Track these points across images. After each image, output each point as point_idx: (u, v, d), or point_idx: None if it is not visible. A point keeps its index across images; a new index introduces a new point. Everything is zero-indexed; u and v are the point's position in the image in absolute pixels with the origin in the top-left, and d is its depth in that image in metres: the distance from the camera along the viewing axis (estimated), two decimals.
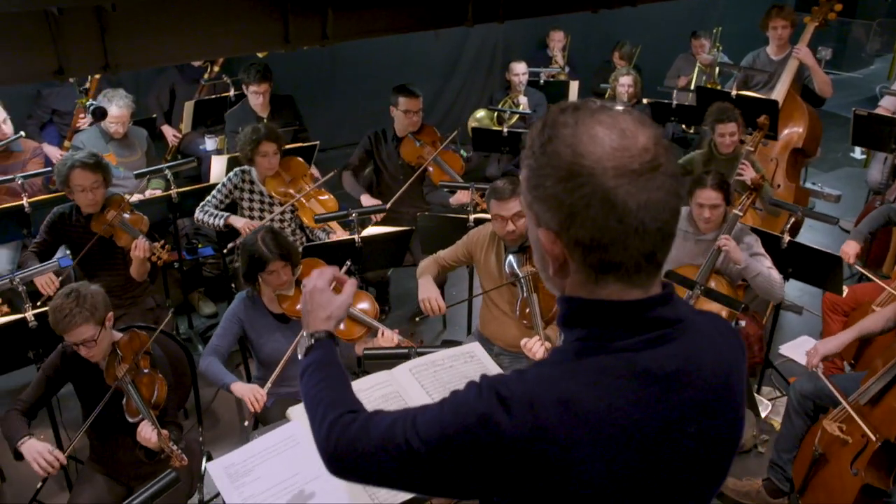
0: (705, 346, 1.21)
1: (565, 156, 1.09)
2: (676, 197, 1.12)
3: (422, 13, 4.74)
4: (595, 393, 1.11)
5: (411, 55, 7.71)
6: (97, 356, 3.11)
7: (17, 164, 4.89)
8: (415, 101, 5.06)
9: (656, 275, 1.17)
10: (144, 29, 3.91)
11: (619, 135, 1.09)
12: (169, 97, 6.37)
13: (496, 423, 1.10)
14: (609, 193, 1.07)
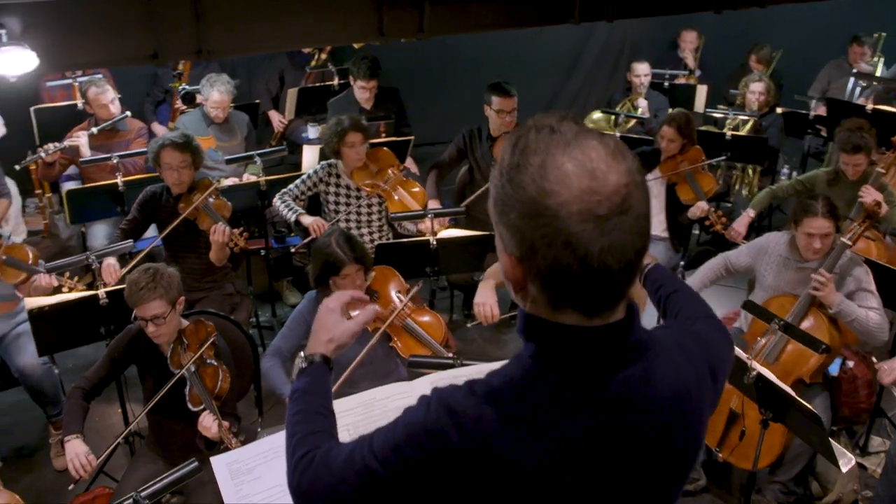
0: (663, 368, 1.24)
1: (530, 191, 1.10)
2: (643, 237, 1.13)
3: (525, 10, 4.73)
4: (542, 414, 1.15)
5: (530, 50, 7.68)
6: (163, 337, 3.30)
7: (122, 142, 5.24)
8: (508, 101, 5.03)
9: (619, 303, 1.18)
10: (238, 16, 4.10)
11: (588, 176, 1.08)
12: (278, 83, 6.64)
13: (447, 438, 1.15)
14: (571, 238, 1.08)
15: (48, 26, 3.77)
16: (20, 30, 3.69)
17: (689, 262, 5.20)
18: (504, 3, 4.67)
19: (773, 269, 3.95)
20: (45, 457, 4.24)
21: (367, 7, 4.38)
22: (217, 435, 3.07)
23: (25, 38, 3.66)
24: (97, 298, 3.56)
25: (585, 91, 8.28)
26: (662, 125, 4.88)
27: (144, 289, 3.16)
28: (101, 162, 4.92)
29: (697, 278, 4.13)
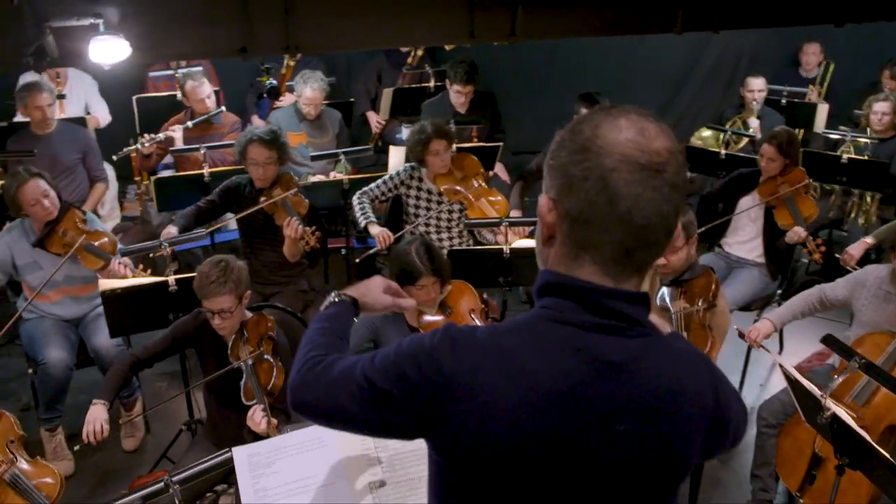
0: (661, 360, 1.31)
1: (585, 133, 1.24)
2: (671, 204, 1.23)
3: (624, 16, 4.67)
4: (532, 353, 1.26)
5: (637, 59, 7.54)
6: (227, 329, 3.41)
7: (215, 135, 5.46)
8: None
9: (634, 275, 1.29)
10: (327, 12, 4.22)
11: (637, 131, 1.22)
12: (376, 83, 6.76)
13: (438, 359, 1.28)
14: (607, 174, 1.21)
15: (144, 17, 3.98)
16: (117, 20, 3.90)
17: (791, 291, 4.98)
18: (602, 10, 4.61)
19: (872, 303, 3.75)
20: (115, 436, 4.43)
21: (458, 8, 4.42)
22: (265, 431, 3.14)
23: (121, 28, 3.87)
24: (167, 285, 3.71)
25: (696, 106, 8.05)
26: (762, 143, 4.70)
27: (215, 283, 3.27)
28: (189, 152, 5.13)
29: (788, 308, 3.96)
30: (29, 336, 4.21)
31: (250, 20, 4.11)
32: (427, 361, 1.29)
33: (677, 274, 3.47)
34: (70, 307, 4.28)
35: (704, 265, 3.56)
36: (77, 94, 5.95)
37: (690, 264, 3.48)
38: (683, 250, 3.39)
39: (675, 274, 3.47)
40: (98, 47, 3.82)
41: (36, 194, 4.05)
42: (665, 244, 1.27)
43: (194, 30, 4.10)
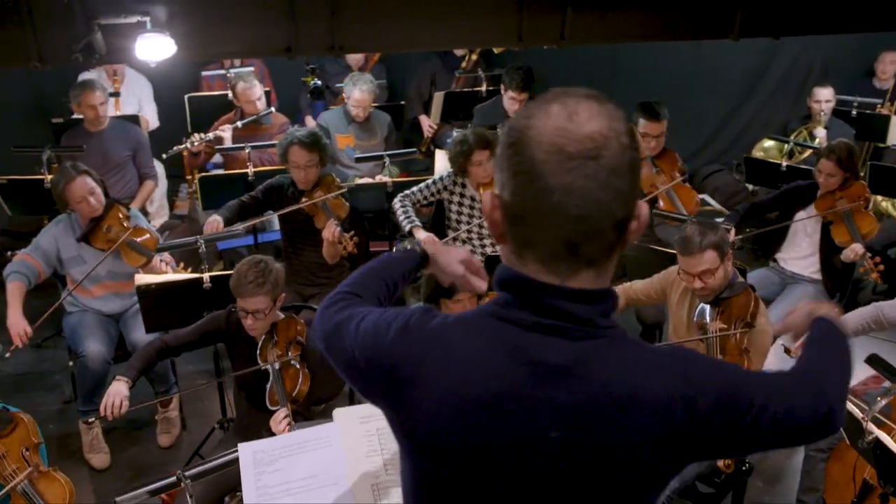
0: (611, 365, 1.25)
1: (519, 124, 1.22)
2: (610, 190, 1.17)
3: (678, 21, 4.60)
4: (471, 351, 1.26)
5: (702, 66, 7.40)
6: (258, 330, 3.46)
7: (264, 136, 5.55)
8: (655, 125, 4.85)
9: (585, 269, 1.24)
10: (373, 13, 4.26)
11: (566, 117, 1.18)
12: (429, 87, 6.80)
13: (391, 343, 1.32)
14: (536, 166, 1.18)
15: (191, 16, 4.08)
16: (164, 18, 4.01)
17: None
18: (655, 13, 4.55)
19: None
20: (152, 432, 4.55)
21: (506, 10, 4.40)
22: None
23: (168, 27, 3.98)
24: (201, 282, 3.79)
25: (763, 117, 7.86)
26: (820, 158, 4.57)
27: (252, 283, 3.32)
28: (236, 151, 5.23)
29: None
30: (71, 329, 4.34)
31: (296, 20, 4.17)
32: (383, 343, 1.33)
33: (717, 293, 3.40)
34: (112, 302, 4.40)
35: (744, 283, 3.48)
36: (132, 93, 6.13)
37: (729, 282, 3.41)
38: (720, 270, 3.33)
39: (714, 294, 3.41)
40: (144, 45, 3.92)
41: (83, 191, 4.18)
42: (615, 233, 1.21)
43: (240, 29, 4.18)
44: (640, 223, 1.26)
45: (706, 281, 3.33)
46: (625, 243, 1.26)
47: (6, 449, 2.93)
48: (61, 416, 4.66)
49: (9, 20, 3.94)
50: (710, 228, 3.38)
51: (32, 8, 3.96)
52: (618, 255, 1.29)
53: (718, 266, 3.32)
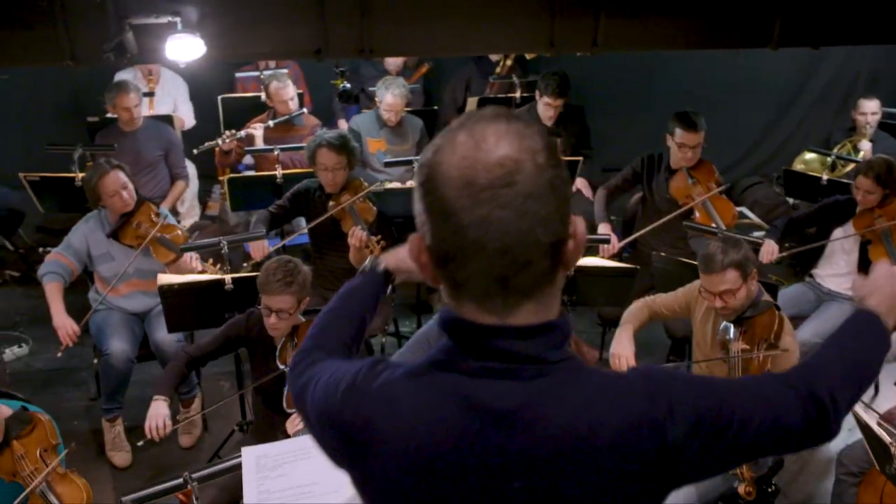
0: (567, 401, 1.16)
1: (428, 159, 1.15)
2: (530, 218, 1.10)
3: (714, 29, 4.55)
4: (417, 406, 1.19)
5: (744, 75, 7.31)
6: (280, 331, 3.47)
7: (295, 137, 5.59)
8: (692, 135, 4.76)
9: (524, 302, 1.16)
10: (404, 16, 4.27)
11: (474, 145, 1.11)
12: (464, 92, 6.79)
13: (340, 406, 1.25)
14: (447, 204, 1.11)
15: (221, 17, 4.11)
16: (195, 19, 4.05)
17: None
18: (691, 21, 4.49)
19: None
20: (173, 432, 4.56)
21: (539, 16, 4.38)
22: None
23: (198, 27, 4.02)
24: (223, 283, 3.81)
25: (804, 128, 7.74)
26: (858, 174, 4.47)
27: (280, 281, 3.34)
28: (265, 153, 5.27)
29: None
30: (97, 327, 4.39)
31: (326, 22, 4.18)
32: (333, 407, 1.27)
33: (739, 313, 3.34)
34: (138, 300, 4.45)
35: (769, 302, 3.40)
36: (168, 93, 6.21)
37: (753, 301, 3.34)
38: (742, 290, 3.27)
39: (736, 313, 3.34)
40: (174, 45, 3.97)
41: (115, 186, 4.24)
42: (547, 259, 1.14)
43: (270, 30, 4.21)
44: (577, 242, 1.18)
45: (727, 300, 3.27)
46: (565, 266, 1.19)
47: (25, 450, 2.96)
48: (86, 413, 4.72)
49: (42, 20, 4.01)
50: (733, 246, 3.31)
51: (66, 7, 4.03)
52: (562, 279, 1.21)
53: (740, 286, 3.26)
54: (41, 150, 5.11)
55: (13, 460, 2.94)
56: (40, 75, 6.65)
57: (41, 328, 5.49)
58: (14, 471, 2.92)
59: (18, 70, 6.15)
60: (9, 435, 2.96)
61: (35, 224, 6.43)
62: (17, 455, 2.94)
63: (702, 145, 4.81)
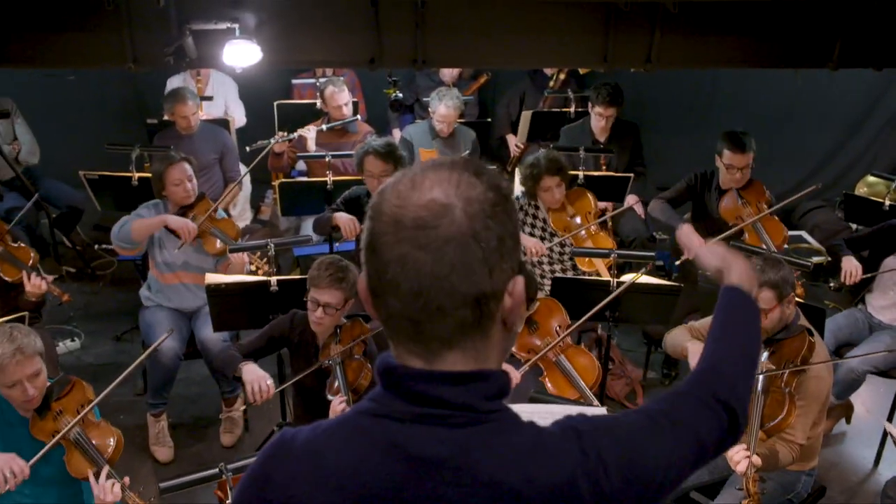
0: (499, 451, 1.16)
1: (374, 198, 1.19)
2: (447, 264, 1.11)
3: (772, 48, 4.59)
4: (345, 455, 1.18)
5: (808, 95, 7.22)
6: (324, 327, 3.61)
7: (348, 143, 5.75)
8: (740, 157, 4.75)
9: (447, 351, 1.16)
10: (457, 28, 4.41)
11: (409, 185, 1.15)
12: (518, 106, 6.89)
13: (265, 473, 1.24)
14: (374, 239, 1.15)
15: (278, 24, 4.30)
16: (253, 25, 4.24)
17: None
18: (748, 39, 4.54)
19: None
20: (216, 430, 4.75)
21: (593, 31, 4.48)
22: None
23: (255, 34, 4.20)
24: (268, 285, 3.97)
25: (872, 152, 7.62)
26: None
27: (332, 276, 3.49)
28: (316, 158, 5.44)
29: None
30: (146, 323, 4.59)
31: (380, 32, 4.34)
32: (259, 478, 1.25)
33: (769, 334, 3.36)
34: (184, 296, 4.63)
35: (802, 326, 3.42)
36: (219, 94, 6.45)
37: (786, 324, 3.36)
38: (775, 311, 3.30)
39: (767, 334, 3.37)
40: (231, 50, 4.16)
41: (182, 175, 4.50)
42: (469, 311, 1.13)
43: (325, 39, 4.38)
44: (514, 300, 1.18)
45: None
46: (505, 323, 1.20)
47: (63, 407, 3.17)
48: (132, 408, 4.91)
49: (108, 24, 4.24)
50: (773, 266, 3.33)
51: (131, 12, 4.25)
52: (500, 335, 1.21)
53: (774, 307, 3.28)
54: (102, 149, 5.36)
55: (53, 421, 3.14)
56: (105, 77, 6.96)
57: (94, 323, 5.77)
58: (54, 431, 3.11)
59: (84, 72, 6.44)
60: (49, 398, 3.16)
61: (92, 222, 6.70)
62: (56, 412, 3.14)
63: (751, 166, 4.82)
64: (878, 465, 4.53)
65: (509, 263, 1.16)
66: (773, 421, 3.22)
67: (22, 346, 2.95)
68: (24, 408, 3.11)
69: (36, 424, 3.14)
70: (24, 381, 2.98)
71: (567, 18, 4.43)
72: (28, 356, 2.96)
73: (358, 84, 6.89)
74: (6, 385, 2.98)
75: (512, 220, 1.18)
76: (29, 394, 3.00)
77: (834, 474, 4.47)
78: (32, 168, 6.10)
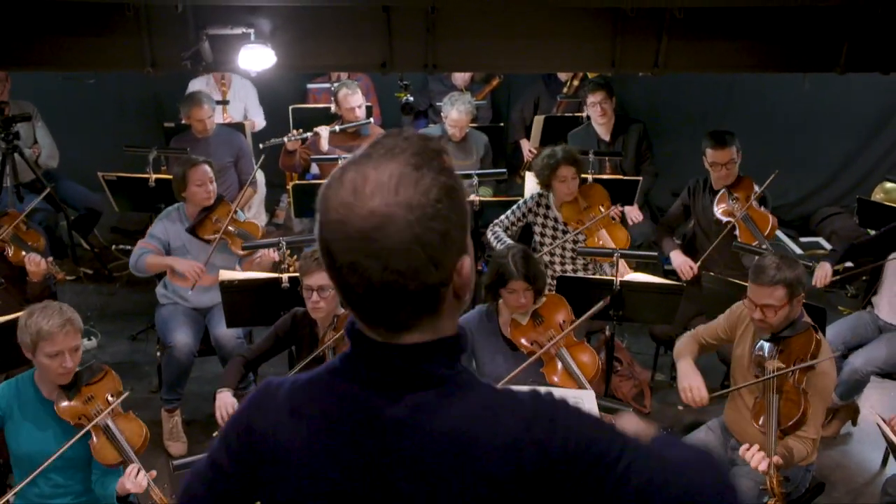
0: (451, 415, 1.28)
1: (323, 186, 1.27)
2: (395, 272, 1.20)
3: (779, 52, 4.76)
4: (317, 411, 1.34)
5: (829, 100, 7.31)
6: (323, 312, 3.82)
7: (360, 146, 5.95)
8: (721, 153, 4.93)
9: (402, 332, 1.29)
10: (468, 33, 4.62)
11: (351, 191, 1.21)
12: (532, 111, 7.09)
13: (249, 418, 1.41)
14: (326, 245, 1.25)
15: (292, 29, 4.54)
16: (268, 30, 4.48)
17: None
18: (756, 44, 4.72)
19: None
20: None
21: (601, 36, 4.68)
22: None
23: (270, 38, 4.44)
24: (280, 281, 4.19)
25: (890, 158, 7.68)
26: None
27: (318, 260, 3.68)
28: (329, 161, 5.66)
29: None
30: (162, 320, 4.82)
31: (392, 36, 4.56)
32: (243, 423, 1.41)
33: (776, 331, 3.52)
34: (202, 295, 4.85)
35: (808, 323, 3.57)
36: (239, 98, 6.70)
37: (792, 321, 3.52)
38: (784, 309, 3.43)
39: (772, 330, 3.52)
40: (247, 55, 4.40)
41: (203, 177, 4.74)
42: (422, 298, 1.25)
43: (338, 43, 4.61)
44: (462, 279, 1.29)
45: (767, 315, 3.44)
46: (453, 298, 1.30)
47: (94, 393, 3.42)
48: (147, 405, 5.12)
49: (127, 28, 4.50)
50: (789, 265, 3.45)
51: (150, 18, 4.50)
52: (452, 306, 1.32)
53: (784, 304, 3.41)
54: (121, 152, 5.61)
55: (82, 405, 3.38)
56: (124, 81, 7.24)
57: (110, 323, 6.02)
58: (81, 414, 3.35)
59: (103, 75, 6.72)
60: (79, 382, 3.41)
61: (110, 225, 6.97)
62: (86, 397, 3.38)
63: (735, 161, 4.98)
64: (885, 467, 4.65)
65: (456, 249, 1.26)
66: (791, 420, 3.35)
67: (72, 318, 3.26)
68: (58, 381, 3.34)
69: (62, 406, 3.36)
70: (67, 352, 3.24)
71: (575, 24, 4.64)
72: (76, 329, 3.28)
73: (372, 88, 7.11)
74: (50, 354, 3.23)
75: (456, 210, 1.24)
76: (67, 365, 3.26)
77: (840, 475, 4.61)
78: (51, 170, 6.35)
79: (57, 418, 3.35)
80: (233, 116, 6.56)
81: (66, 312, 3.27)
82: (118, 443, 3.34)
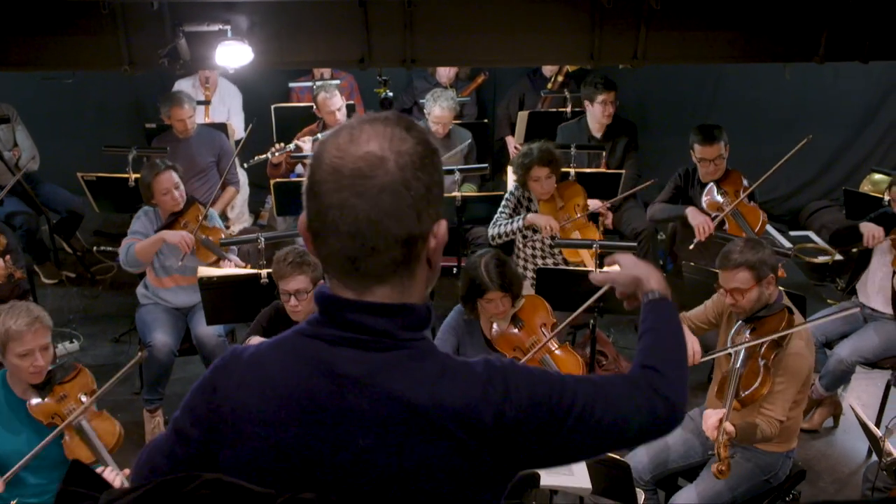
0: (412, 374, 1.39)
1: (317, 147, 1.40)
2: (381, 210, 1.32)
3: (758, 42, 4.84)
4: (281, 368, 1.43)
5: (814, 92, 7.42)
6: (302, 314, 3.88)
7: None
8: (709, 149, 5.03)
9: (376, 285, 1.39)
10: (446, 28, 4.69)
11: (348, 139, 1.35)
12: (517, 107, 7.15)
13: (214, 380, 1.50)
14: (317, 185, 1.35)
15: (269, 25, 4.60)
16: (245, 27, 4.54)
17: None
18: (734, 35, 4.79)
19: None
20: None
21: (580, 29, 4.75)
22: None
23: (247, 35, 4.51)
24: (259, 278, 4.25)
25: (879, 151, 7.79)
26: (891, 186, 4.66)
27: (291, 264, 3.81)
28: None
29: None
30: (142, 320, 4.88)
31: (370, 32, 4.63)
32: (207, 386, 1.49)
33: (749, 313, 3.59)
34: (180, 295, 4.91)
35: (783, 304, 3.64)
36: (223, 102, 6.76)
37: (768, 303, 3.59)
38: (753, 291, 3.52)
39: (747, 313, 3.60)
40: (224, 51, 4.47)
41: (168, 185, 4.74)
42: (400, 250, 1.35)
43: (315, 39, 4.67)
44: (437, 241, 1.40)
45: (736, 298, 3.52)
46: (425, 260, 1.41)
47: (66, 391, 3.47)
48: (129, 406, 5.18)
49: (103, 27, 4.56)
50: (752, 247, 3.55)
51: (126, 15, 4.56)
52: (424, 273, 1.43)
53: (751, 286, 3.50)
54: (101, 153, 5.66)
55: (55, 403, 3.43)
56: (104, 82, 7.29)
57: (92, 326, 6.07)
58: (54, 413, 3.40)
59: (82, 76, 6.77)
60: (52, 381, 3.46)
61: (92, 228, 7.02)
62: (59, 396, 3.43)
63: (724, 156, 5.06)
64: (870, 457, 4.71)
65: (435, 209, 1.39)
66: (747, 390, 3.46)
67: (40, 316, 3.32)
68: (30, 380, 3.39)
69: (34, 404, 3.41)
70: (37, 351, 3.30)
71: (553, 16, 4.70)
72: (44, 326, 3.33)
73: (356, 87, 7.18)
74: (20, 354, 3.29)
75: (438, 171, 1.39)
76: (38, 364, 3.31)
77: (825, 465, 4.68)
78: (32, 173, 6.39)
79: (30, 419, 3.41)
80: (213, 118, 6.62)
81: (34, 311, 3.32)
82: (91, 442, 3.39)
